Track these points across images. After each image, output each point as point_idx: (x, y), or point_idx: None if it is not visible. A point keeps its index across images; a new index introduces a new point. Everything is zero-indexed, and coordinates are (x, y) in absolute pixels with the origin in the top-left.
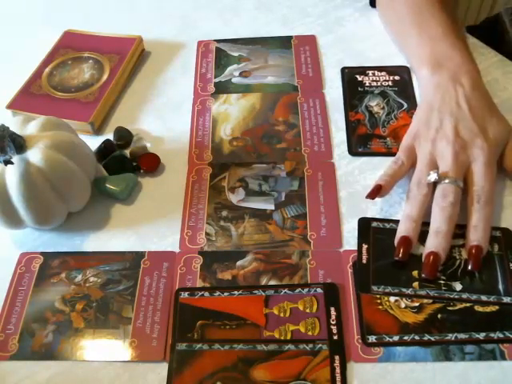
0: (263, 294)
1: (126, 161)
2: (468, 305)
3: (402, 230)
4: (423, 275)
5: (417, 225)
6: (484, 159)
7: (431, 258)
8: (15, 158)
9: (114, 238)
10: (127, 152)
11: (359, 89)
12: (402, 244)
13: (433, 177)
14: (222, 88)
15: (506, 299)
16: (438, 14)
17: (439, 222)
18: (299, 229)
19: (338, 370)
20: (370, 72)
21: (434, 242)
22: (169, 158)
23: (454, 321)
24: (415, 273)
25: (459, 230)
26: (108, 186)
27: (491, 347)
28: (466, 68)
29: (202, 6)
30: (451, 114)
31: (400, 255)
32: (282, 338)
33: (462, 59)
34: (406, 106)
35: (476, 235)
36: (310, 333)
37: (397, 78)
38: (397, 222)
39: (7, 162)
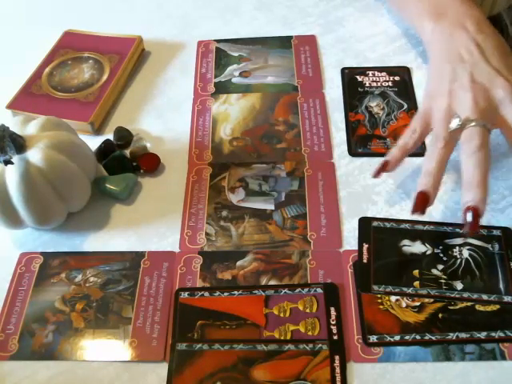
0: (263, 293)
1: (126, 161)
2: (469, 304)
3: (419, 185)
4: (466, 233)
5: (435, 179)
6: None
7: (470, 213)
8: (15, 158)
9: (114, 238)
10: (127, 152)
11: (359, 89)
12: (418, 199)
13: (455, 123)
14: (222, 88)
15: (507, 298)
16: None
17: (469, 172)
18: (299, 229)
19: (337, 370)
20: (370, 72)
21: (469, 196)
22: (169, 158)
23: (455, 320)
24: (416, 272)
25: (460, 228)
26: (108, 186)
27: (491, 347)
28: (469, 13)
29: (202, 6)
30: (463, 61)
31: (417, 210)
32: (282, 337)
33: (462, 5)
34: (405, 106)
35: None
36: (309, 333)
37: (397, 78)
38: (397, 221)
39: (7, 162)
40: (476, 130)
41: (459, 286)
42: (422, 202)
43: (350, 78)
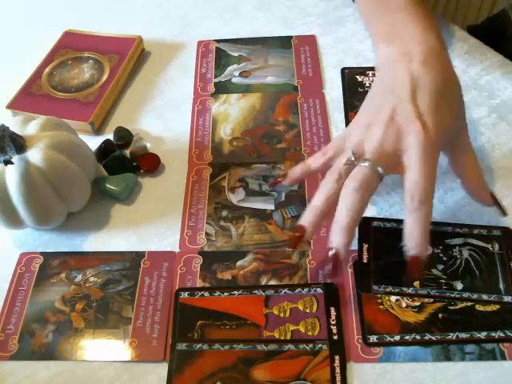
0: (263, 293)
1: (126, 161)
2: (469, 304)
3: (301, 219)
4: (326, 273)
5: (318, 215)
6: (419, 149)
7: (331, 257)
8: (15, 158)
9: (114, 238)
10: (127, 152)
11: (359, 89)
12: (294, 236)
13: (346, 156)
14: (222, 88)
15: (507, 298)
16: None
17: (341, 212)
18: None
19: (337, 370)
20: (370, 72)
21: (334, 237)
22: (169, 158)
23: (455, 320)
24: None
25: (460, 228)
26: (108, 186)
27: (491, 347)
28: (423, 37)
29: (202, 6)
30: (392, 94)
31: (290, 245)
32: (282, 338)
33: (418, 27)
34: None
35: (412, 242)
36: (309, 333)
37: None
38: (397, 221)
39: (7, 162)
40: (363, 171)
41: (459, 285)
42: (298, 237)
43: (350, 77)
